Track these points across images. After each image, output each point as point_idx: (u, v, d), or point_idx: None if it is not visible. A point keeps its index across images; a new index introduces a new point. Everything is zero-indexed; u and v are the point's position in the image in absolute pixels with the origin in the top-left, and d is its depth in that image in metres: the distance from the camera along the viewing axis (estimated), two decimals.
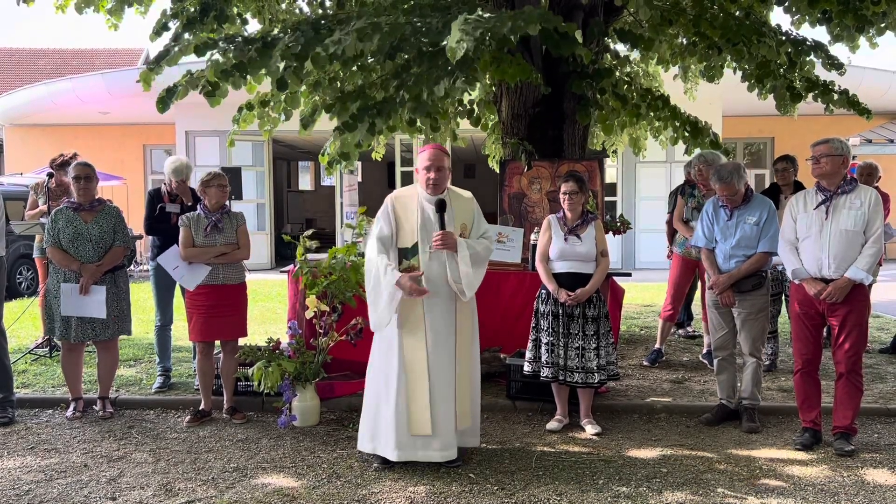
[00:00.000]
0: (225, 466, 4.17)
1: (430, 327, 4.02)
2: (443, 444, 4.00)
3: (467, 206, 4.22)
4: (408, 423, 3.99)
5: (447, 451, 4.02)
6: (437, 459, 4.02)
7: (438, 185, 4.09)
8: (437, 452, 4.01)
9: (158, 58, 5.32)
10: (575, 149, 6.76)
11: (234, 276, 5.03)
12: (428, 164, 4.07)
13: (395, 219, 4.10)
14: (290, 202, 23.13)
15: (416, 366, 4.02)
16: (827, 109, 6.56)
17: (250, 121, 6.87)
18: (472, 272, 4.01)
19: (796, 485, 3.89)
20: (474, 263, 4.03)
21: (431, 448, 4.01)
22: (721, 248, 4.80)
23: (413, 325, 4.04)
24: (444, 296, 4.04)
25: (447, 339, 4.04)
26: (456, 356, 4.06)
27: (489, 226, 4.38)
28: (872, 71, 14.23)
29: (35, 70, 23.15)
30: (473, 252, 4.04)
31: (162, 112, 5.31)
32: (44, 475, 4.06)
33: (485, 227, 4.24)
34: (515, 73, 5.25)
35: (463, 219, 4.16)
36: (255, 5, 6.81)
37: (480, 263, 4.11)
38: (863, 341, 4.34)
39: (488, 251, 4.19)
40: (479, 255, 4.08)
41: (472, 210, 4.24)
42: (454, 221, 4.10)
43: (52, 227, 5.01)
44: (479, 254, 4.08)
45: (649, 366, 6.39)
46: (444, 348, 4.03)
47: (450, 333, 4.05)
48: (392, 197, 4.21)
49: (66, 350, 5.13)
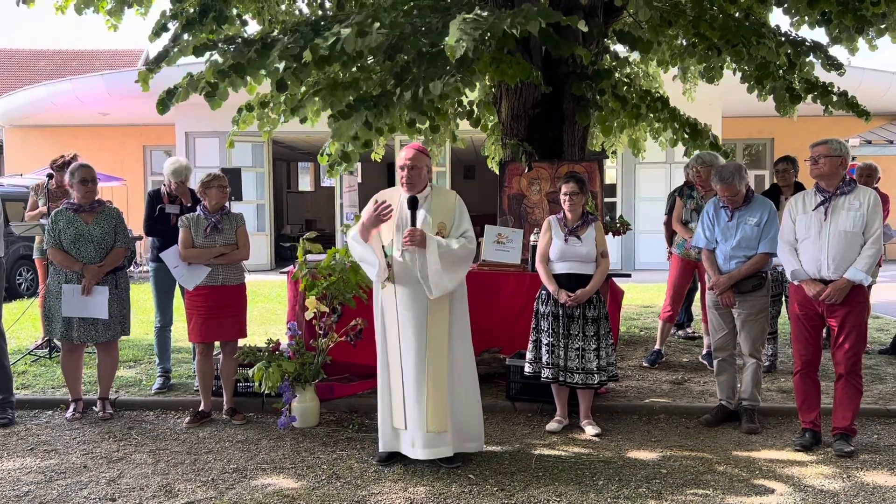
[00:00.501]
0: (225, 467, 4.18)
1: (401, 325, 4.06)
2: (413, 441, 4.04)
3: (448, 205, 4.17)
4: (391, 415, 4.14)
5: (418, 450, 4.04)
6: (409, 455, 4.08)
7: (412, 183, 4.09)
8: (409, 448, 4.06)
9: (158, 58, 5.33)
10: (575, 150, 6.76)
11: (233, 277, 5.03)
12: (402, 164, 4.11)
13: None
14: (290, 203, 23.14)
15: (392, 361, 4.12)
16: (826, 111, 6.57)
17: (250, 122, 6.87)
18: (442, 271, 3.94)
19: (796, 486, 3.89)
20: (446, 262, 3.96)
21: (405, 442, 4.07)
22: (721, 248, 4.80)
23: (390, 322, 4.11)
24: (417, 294, 4.03)
25: (418, 338, 4.03)
26: (427, 356, 4.02)
27: (493, 227, 4.36)
28: (872, 72, 14.25)
29: (35, 71, 23.16)
30: (445, 251, 3.96)
31: (162, 114, 5.31)
32: (43, 476, 4.06)
33: (465, 227, 4.13)
34: (515, 73, 5.25)
35: (442, 217, 4.12)
36: (254, 6, 6.81)
37: (455, 262, 4.02)
38: (862, 342, 4.34)
39: (465, 251, 4.05)
40: (452, 254, 3.99)
41: (453, 209, 4.17)
42: (432, 220, 4.08)
43: (53, 228, 5.01)
44: (452, 252, 3.99)
45: (649, 367, 6.39)
46: (413, 347, 4.03)
47: (421, 332, 4.03)
48: (377, 195, 4.26)
49: (66, 351, 5.13)
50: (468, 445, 4.22)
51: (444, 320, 4.09)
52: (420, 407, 4.02)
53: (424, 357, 4.03)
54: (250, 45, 4.96)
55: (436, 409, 4.03)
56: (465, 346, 4.21)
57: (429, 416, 4.02)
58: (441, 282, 3.96)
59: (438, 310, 4.07)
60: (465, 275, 4.18)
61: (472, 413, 4.23)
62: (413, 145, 4.20)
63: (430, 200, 4.13)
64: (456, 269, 4.05)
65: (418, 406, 4.02)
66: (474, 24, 4.13)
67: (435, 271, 3.94)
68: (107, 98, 15.12)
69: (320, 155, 6.01)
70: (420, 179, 4.12)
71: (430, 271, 3.94)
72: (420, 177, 4.11)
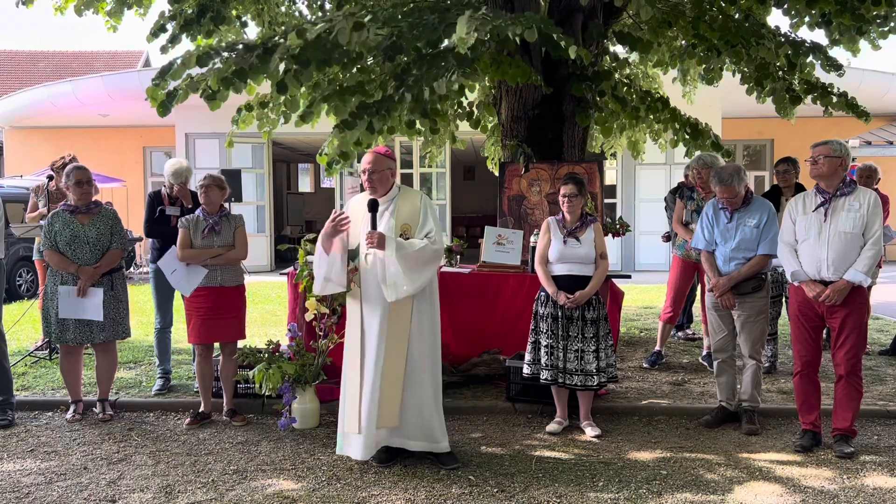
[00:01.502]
0: (225, 469, 4.18)
1: (365, 328, 4.08)
2: (365, 443, 4.04)
3: (412, 206, 4.14)
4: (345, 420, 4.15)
5: (367, 451, 4.05)
6: (357, 458, 4.09)
7: (374, 187, 4.11)
8: (359, 449, 4.06)
9: (162, 72, 5.33)
10: (574, 151, 6.76)
11: (232, 278, 5.03)
12: (364, 168, 4.14)
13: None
14: (290, 204, 23.13)
15: (351, 365, 4.12)
16: (826, 112, 6.57)
17: (249, 122, 6.88)
18: (404, 272, 3.91)
19: (796, 487, 3.89)
20: (408, 262, 3.93)
21: (355, 444, 4.07)
22: (721, 250, 4.80)
23: (353, 326, 4.13)
24: (377, 297, 4.04)
25: (378, 342, 4.03)
26: (385, 358, 4.02)
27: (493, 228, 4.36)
28: (872, 73, 14.26)
29: (35, 72, 23.18)
30: (403, 252, 3.93)
31: (162, 116, 5.31)
32: (44, 477, 4.06)
33: (430, 228, 4.08)
34: (515, 75, 5.26)
35: (406, 219, 4.11)
36: (254, 8, 6.82)
37: (417, 263, 3.96)
38: (862, 343, 4.34)
39: (427, 251, 3.99)
40: (413, 255, 3.94)
41: (418, 210, 4.13)
42: (396, 222, 4.08)
43: (49, 229, 5.01)
44: (413, 253, 3.94)
45: (649, 368, 6.39)
46: (371, 348, 4.05)
47: (381, 335, 4.03)
48: (350, 201, 4.31)
49: (65, 353, 5.13)
50: (436, 446, 4.15)
51: (404, 322, 4.06)
52: (372, 405, 4.02)
53: (382, 359, 4.02)
54: (252, 50, 4.96)
55: (388, 407, 4.04)
56: (428, 348, 4.14)
57: (380, 415, 4.03)
58: (399, 284, 3.91)
59: (399, 312, 4.05)
60: (431, 276, 4.11)
61: (434, 414, 4.15)
62: (374, 149, 4.21)
63: (395, 202, 4.14)
64: (419, 270, 3.98)
65: (370, 404, 4.02)
66: (482, 21, 4.17)
67: (393, 273, 3.92)
68: (107, 99, 15.14)
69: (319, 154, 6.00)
70: (382, 183, 4.13)
71: (388, 273, 3.94)
72: (382, 180, 4.12)
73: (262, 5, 6.93)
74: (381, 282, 3.98)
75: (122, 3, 6.11)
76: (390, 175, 4.18)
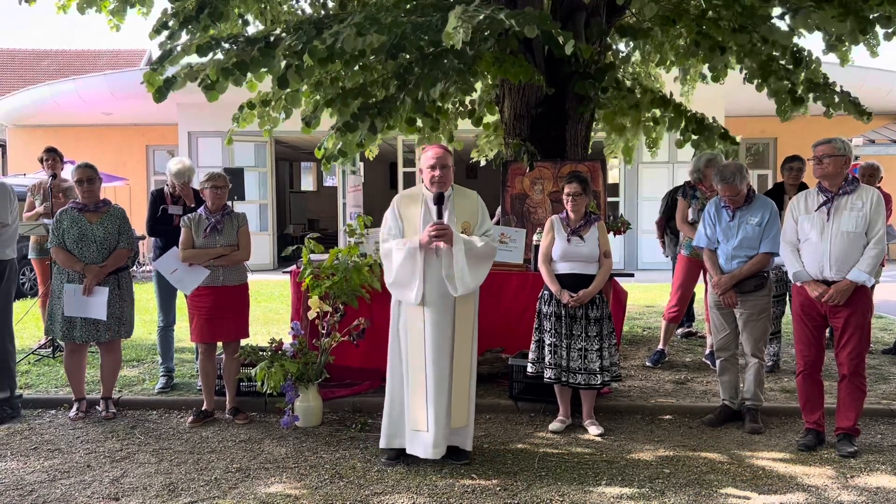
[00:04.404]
0: (228, 467, 4.18)
1: (429, 327, 4.04)
2: (435, 442, 4.03)
3: (471, 205, 4.22)
4: (410, 418, 4.10)
5: (437, 449, 4.04)
6: (430, 456, 4.05)
7: (443, 182, 4.11)
8: (430, 449, 4.04)
9: (161, 58, 5.32)
10: (577, 149, 6.75)
11: (234, 277, 5.03)
12: (433, 163, 4.10)
13: (400, 217, 4.16)
14: (293, 203, 23.14)
15: (416, 364, 4.08)
16: (826, 113, 6.52)
17: (250, 120, 6.87)
18: (468, 268, 3.98)
19: (799, 486, 3.88)
20: (471, 259, 4.00)
21: (423, 443, 4.06)
22: (723, 248, 4.79)
23: (415, 325, 4.08)
24: (443, 294, 4.04)
25: (445, 339, 4.04)
26: (452, 355, 4.06)
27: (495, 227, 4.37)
28: (875, 71, 14.19)
29: (38, 71, 23.18)
30: (471, 247, 4.01)
31: (158, 102, 5.23)
32: (47, 475, 4.07)
33: (488, 227, 4.21)
34: (518, 73, 5.25)
35: (466, 217, 4.16)
36: (256, 6, 6.81)
37: (479, 260, 4.07)
38: (865, 343, 4.33)
39: (489, 248, 4.12)
40: (477, 251, 4.04)
41: (476, 209, 4.23)
42: (456, 219, 4.11)
43: (57, 227, 5.02)
44: (477, 250, 4.04)
45: (652, 367, 6.38)
46: (441, 348, 4.04)
47: (447, 333, 4.05)
48: (397, 197, 4.29)
49: (70, 351, 5.13)
50: (466, 443, 4.21)
51: (469, 318, 4.13)
52: (442, 405, 4.03)
53: (450, 355, 4.05)
54: (254, 43, 4.96)
55: (459, 405, 4.07)
56: (474, 343, 4.23)
57: (453, 413, 4.05)
58: (466, 278, 3.99)
59: (465, 311, 4.10)
60: (486, 274, 4.18)
61: (471, 409, 4.22)
62: (437, 145, 4.24)
63: (453, 199, 4.16)
64: (480, 266, 4.09)
65: (439, 403, 4.02)
66: (472, 14, 4.15)
67: (460, 268, 3.97)
68: (110, 98, 15.14)
69: (317, 149, 5.99)
70: (449, 178, 4.15)
71: (456, 268, 3.97)
72: (449, 175, 4.15)
73: (265, 3, 6.92)
74: (446, 276, 3.99)
75: (125, 2, 6.10)
76: (451, 172, 4.20)
